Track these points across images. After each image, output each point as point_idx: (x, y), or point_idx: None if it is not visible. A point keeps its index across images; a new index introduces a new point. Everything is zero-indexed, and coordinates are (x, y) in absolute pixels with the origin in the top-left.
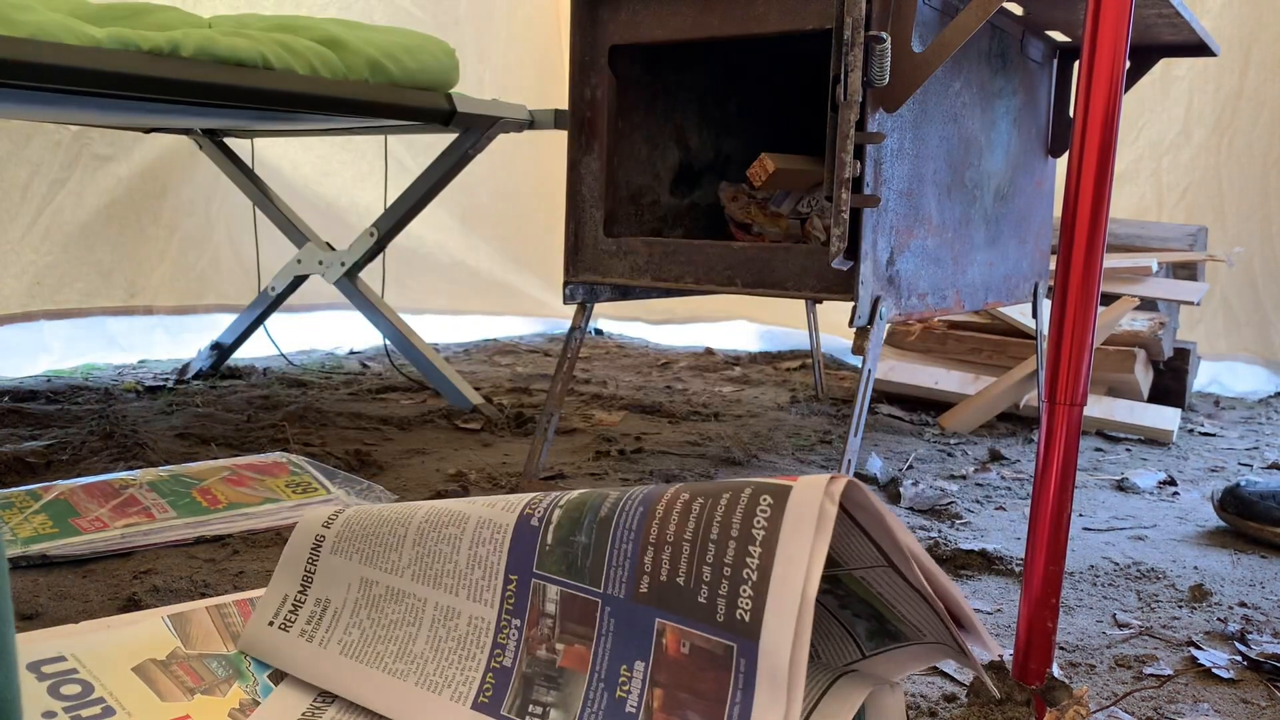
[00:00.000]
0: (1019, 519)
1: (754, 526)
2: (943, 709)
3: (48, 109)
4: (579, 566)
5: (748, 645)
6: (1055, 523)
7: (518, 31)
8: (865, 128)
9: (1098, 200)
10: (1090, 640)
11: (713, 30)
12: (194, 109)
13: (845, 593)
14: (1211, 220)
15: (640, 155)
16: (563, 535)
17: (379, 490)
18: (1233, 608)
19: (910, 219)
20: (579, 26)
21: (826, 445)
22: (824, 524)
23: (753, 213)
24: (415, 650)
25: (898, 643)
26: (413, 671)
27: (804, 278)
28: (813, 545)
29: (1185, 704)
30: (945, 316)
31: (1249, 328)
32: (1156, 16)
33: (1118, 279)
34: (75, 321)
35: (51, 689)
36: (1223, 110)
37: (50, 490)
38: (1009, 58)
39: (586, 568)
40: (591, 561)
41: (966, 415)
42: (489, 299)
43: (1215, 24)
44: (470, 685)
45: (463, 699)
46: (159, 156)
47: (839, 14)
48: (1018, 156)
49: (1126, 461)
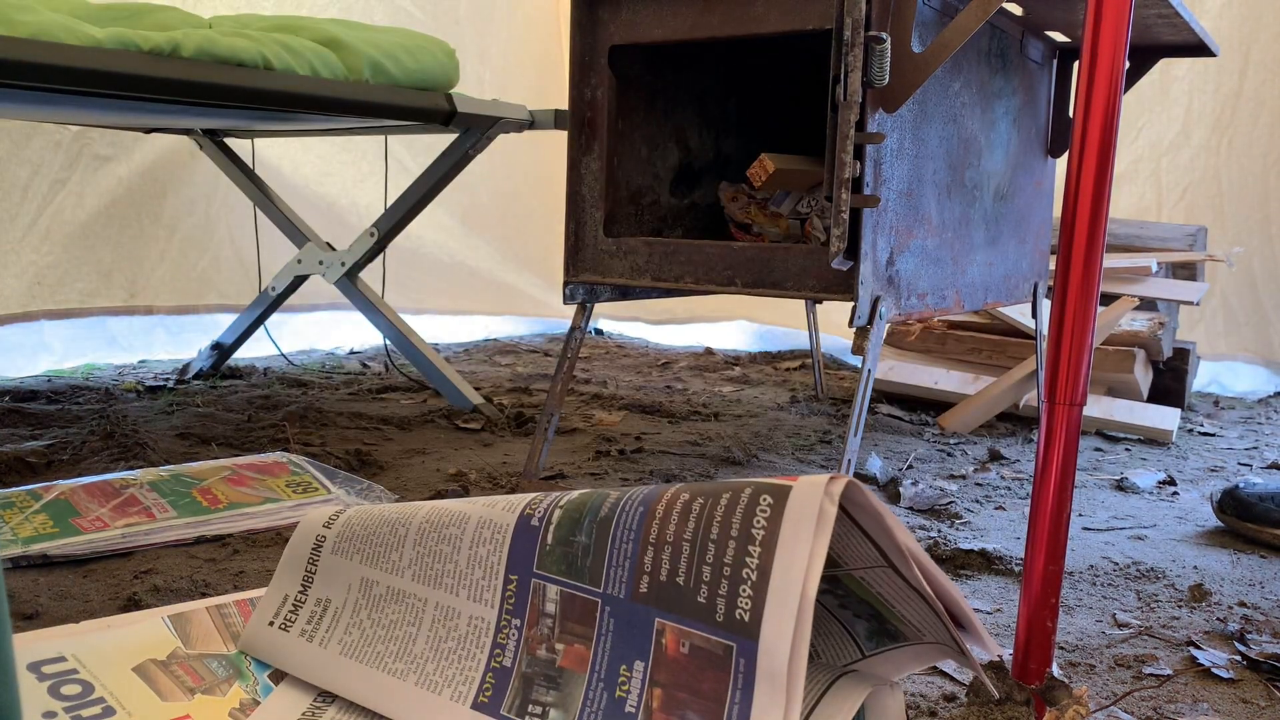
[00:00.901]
0: (1019, 519)
1: (754, 526)
2: (943, 709)
3: (48, 109)
4: (579, 566)
5: (747, 645)
6: (1055, 522)
7: (518, 31)
8: (865, 128)
9: (1097, 200)
10: (1090, 640)
11: (713, 30)
12: (194, 109)
13: (845, 592)
14: (1211, 220)
15: (640, 155)
16: (563, 535)
17: (379, 490)
18: (1232, 608)
19: (910, 219)
20: (579, 26)
21: (826, 445)
22: (824, 524)
23: (752, 213)
24: (415, 650)
25: (897, 643)
26: (412, 671)
27: (804, 278)
28: (812, 545)
29: (1185, 704)
30: (945, 316)
31: (1248, 328)
32: (1156, 17)
33: (1117, 279)
34: (76, 321)
35: (52, 689)
36: (1222, 110)
37: (51, 490)
38: (1009, 58)
39: (586, 568)
40: (591, 561)
41: (966, 415)
42: (489, 299)
43: (1215, 24)
44: (470, 685)
45: (462, 699)
46: (159, 156)
47: (839, 14)
48: (1017, 156)
49: (1126, 461)
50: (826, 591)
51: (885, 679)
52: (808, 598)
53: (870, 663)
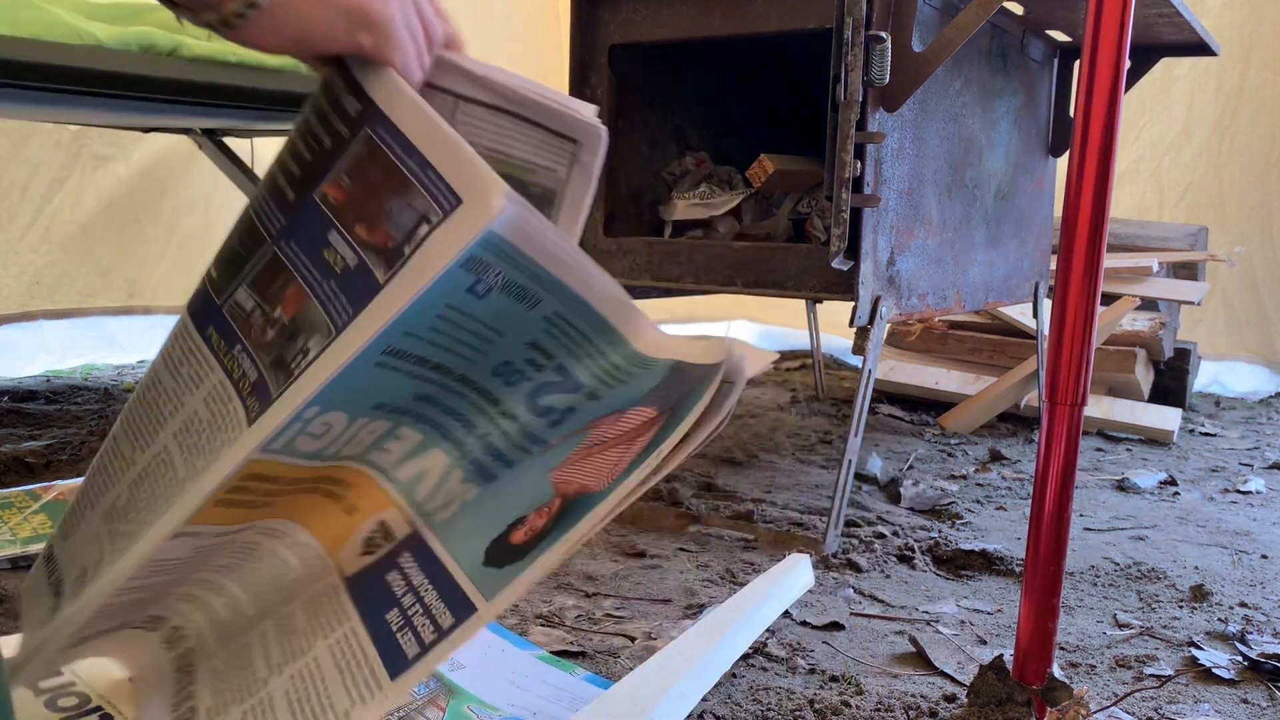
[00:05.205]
0: (1019, 519)
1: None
2: (943, 709)
3: (48, 109)
4: (250, 263)
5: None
6: (1056, 523)
7: (518, 31)
8: (865, 127)
9: (1099, 200)
10: (1091, 640)
11: (712, 30)
12: (194, 109)
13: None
14: (1212, 220)
15: (640, 155)
16: (221, 257)
17: None
18: (1233, 608)
19: (910, 219)
20: (579, 26)
21: (827, 445)
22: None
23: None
24: (180, 476)
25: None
26: (190, 480)
27: (804, 278)
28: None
29: (1185, 704)
30: (945, 316)
31: (1250, 328)
32: (1157, 16)
33: (1118, 279)
34: (74, 321)
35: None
36: (1223, 110)
37: (50, 490)
38: (1009, 57)
39: (254, 247)
40: (259, 252)
41: (967, 415)
42: None
43: (1216, 24)
44: (239, 416)
45: (240, 430)
46: (159, 156)
47: (839, 13)
48: (1018, 156)
49: (1127, 461)
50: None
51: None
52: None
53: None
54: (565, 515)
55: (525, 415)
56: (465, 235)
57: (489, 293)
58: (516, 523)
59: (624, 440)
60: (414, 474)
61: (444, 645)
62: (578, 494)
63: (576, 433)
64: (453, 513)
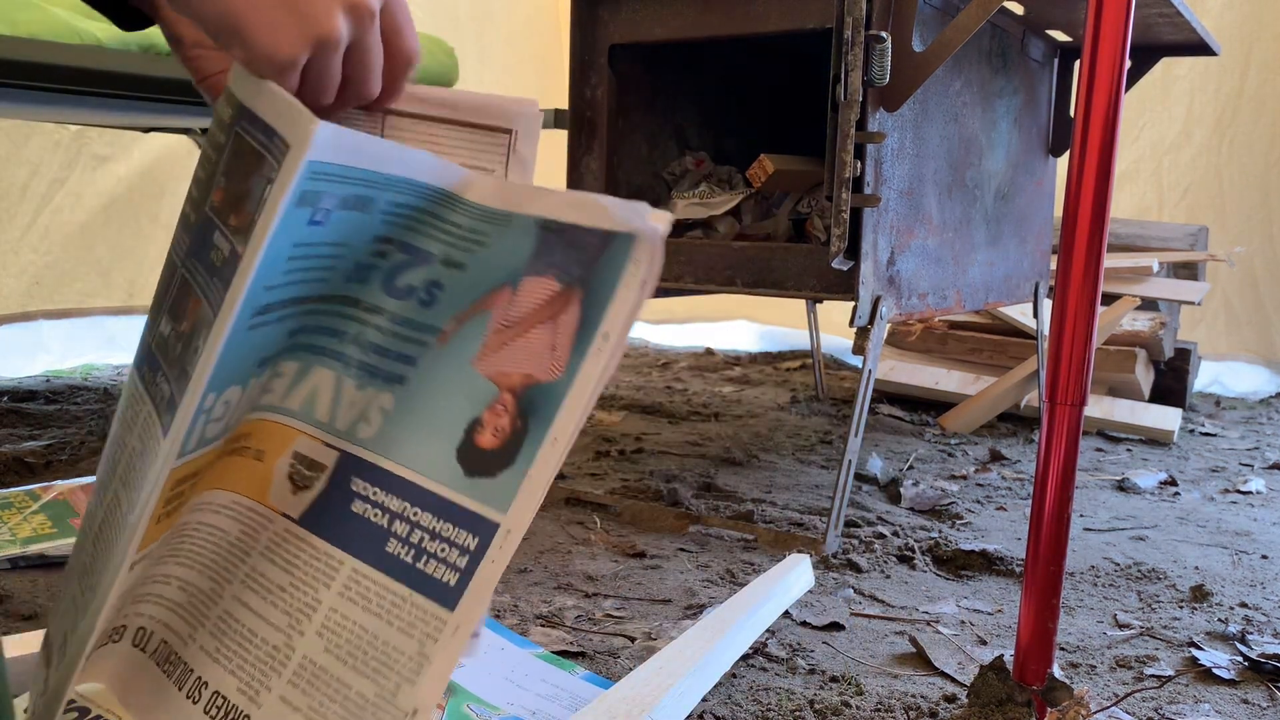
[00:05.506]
0: (1020, 519)
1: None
2: (943, 709)
3: (48, 108)
4: (165, 293)
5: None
6: (1056, 523)
7: (518, 31)
8: (865, 127)
9: (1099, 200)
10: (1091, 641)
11: (713, 30)
12: (193, 108)
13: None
14: (1212, 220)
15: (640, 155)
16: (154, 296)
17: None
18: (1233, 608)
19: (911, 219)
20: (579, 26)
21: (827, 445)
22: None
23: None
24: (124, 514)
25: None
26: (131, 516)
27: (804, 278)
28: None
29: (1186, 704)
30: (946, 316)
31: (1250, 328)
32: (1157, 16)
33: (1118, 279)
34: (74, 321)
35: None
36: (1223, 110)
37: (49, 490)
38: (1010, 57)
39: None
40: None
41: (967, 415)
42: None
43: (1216, 24)
44: (158, 435)
45: (159, 443)
46: (158, 156)
47: (839, 13)
48: (1018, 156)
49: (1127, 461)
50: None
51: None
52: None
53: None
54: (533, 412)
55: (388, 302)
56: (290, 175)
57: (328, 216)
58: (473, 426)
59: (539, 319)
60: (305, 398)
61: (485, 566)
62: (525, 385)
63: (469, 314)
64: (378, 427)
